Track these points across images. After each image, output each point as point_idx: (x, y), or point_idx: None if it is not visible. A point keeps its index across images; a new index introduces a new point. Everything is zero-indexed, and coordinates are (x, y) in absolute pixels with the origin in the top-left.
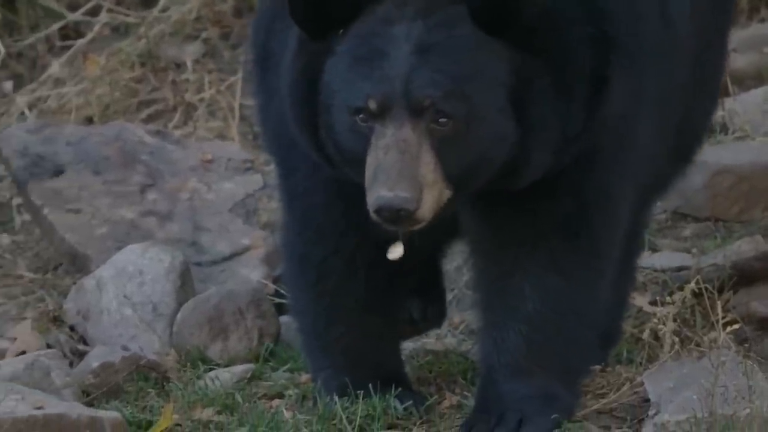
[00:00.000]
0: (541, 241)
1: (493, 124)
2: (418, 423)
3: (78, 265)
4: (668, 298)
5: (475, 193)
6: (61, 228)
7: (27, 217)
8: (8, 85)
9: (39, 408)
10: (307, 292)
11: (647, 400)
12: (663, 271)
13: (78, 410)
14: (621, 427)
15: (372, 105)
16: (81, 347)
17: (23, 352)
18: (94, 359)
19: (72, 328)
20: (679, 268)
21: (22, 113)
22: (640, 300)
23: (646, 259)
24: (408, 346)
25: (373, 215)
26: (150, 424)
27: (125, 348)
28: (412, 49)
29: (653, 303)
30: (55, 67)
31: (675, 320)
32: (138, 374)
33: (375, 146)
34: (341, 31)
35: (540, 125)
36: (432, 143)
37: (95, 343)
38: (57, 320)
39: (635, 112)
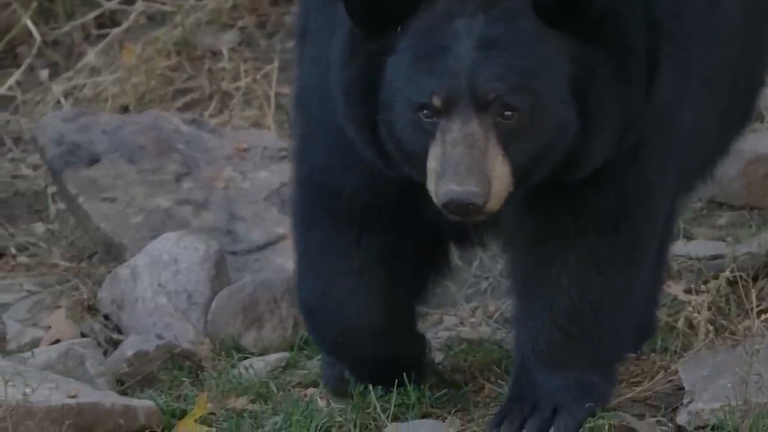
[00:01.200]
0: (580, 234)
1: (556, 115)
2: (452, 411)
3: (113, 253)
4: (703, 287)
5: (536, 184)
6: (96, 217)
7: (62, 205)
8: (44, 73)
9: (73, 396)
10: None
11: (681, 389)
12: (698, 259)
13: (112, 399)
14: (655, 416)
15: (436, 101)
16: (115, 336)
17: (57, 341)
18: (129, 348)
19: (106, 317)
20: (714, 257)
21: (58, 102)
22: (674, 288)
23: (681, 248)
24: (443, 334)
25: (441, 208)
26: (184, 412)
27: (159, 337)
28: (475, 44)
29: (688, 291)
30: (91, 56)
31: (710, 308)
32: (172, 363)
33: (441, 141)
34: (399, 28)
35: (601, 114)
36: (498, 136)
37: (129, 332)
38: (91, 309)
39: (681, 98)
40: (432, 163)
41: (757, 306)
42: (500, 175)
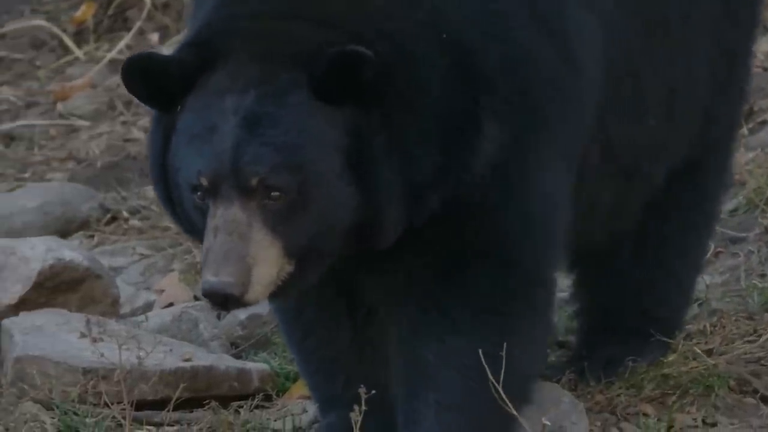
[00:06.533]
0: (460, 314)
1: (330, 191)
2: (567, 372)
3: None
4: None
5: (332, 261)
6: None
7: None
8: (154, 36)
9: (187, 360)
10: None
11: None
12: None
13: (226, 362)
14: None
15: (204, 183)
16: None
17: (171, 304)
18: (242, 311)
19: None
20: None
21: None
22: None
23: None
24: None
25: (203, 299)
26: (297, 375)
27: None
28: (240, 122)
29: None
30: None
31: None
32: None
33: (208, 226)
34: (179, 107)
35: (383, 184)
36: (265, 220)
37: None
38: None
39: (527, 159)
40: (202, 250)
41: None
42: (263, 260)
